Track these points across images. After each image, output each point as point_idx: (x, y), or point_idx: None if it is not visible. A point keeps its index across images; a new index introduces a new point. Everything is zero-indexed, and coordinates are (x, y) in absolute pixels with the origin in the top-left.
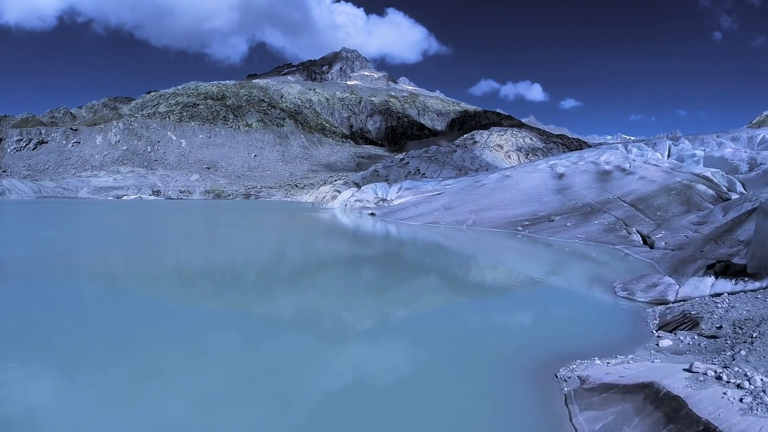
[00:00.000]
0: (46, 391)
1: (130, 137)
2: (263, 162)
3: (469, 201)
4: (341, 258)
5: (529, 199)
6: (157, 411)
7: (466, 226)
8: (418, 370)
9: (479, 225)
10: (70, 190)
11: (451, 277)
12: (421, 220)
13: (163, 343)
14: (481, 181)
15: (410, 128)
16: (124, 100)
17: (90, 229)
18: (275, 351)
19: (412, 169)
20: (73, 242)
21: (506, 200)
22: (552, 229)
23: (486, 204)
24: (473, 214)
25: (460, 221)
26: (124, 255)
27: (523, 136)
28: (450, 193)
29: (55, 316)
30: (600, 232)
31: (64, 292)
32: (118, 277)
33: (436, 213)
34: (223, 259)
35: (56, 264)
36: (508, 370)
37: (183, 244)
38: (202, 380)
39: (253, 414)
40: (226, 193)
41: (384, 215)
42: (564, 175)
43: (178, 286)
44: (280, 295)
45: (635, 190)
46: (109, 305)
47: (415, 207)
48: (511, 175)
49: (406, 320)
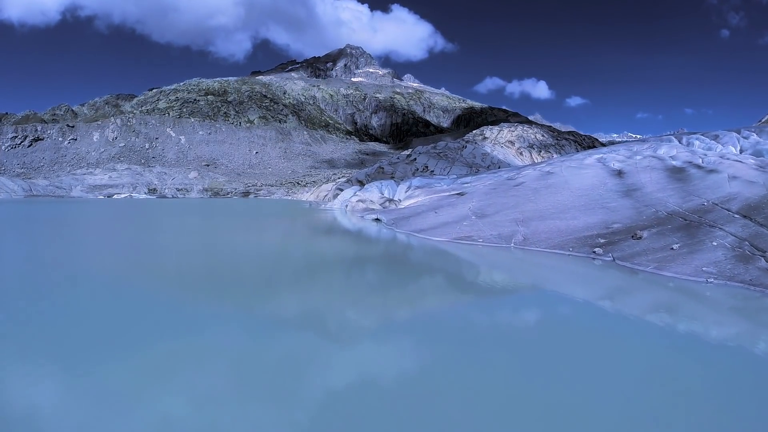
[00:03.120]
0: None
1: (128, 134)
2: (264, 159)
3: (508, 205)
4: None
5: (590, 204)
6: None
7: (514, 244)
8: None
9: (533, 242)
10: (63, 188)
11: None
12: (447, 233)
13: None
14: (515, 179)
15: (415, 125)
16: (126, 97)
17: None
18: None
19: (420, 165)
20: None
21: (559, 205)
22: (651, 255)
23: (534, 210)
24: (521, 225)
25: (503, 236)
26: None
27: (534, 132)
28: (479, 195)
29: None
30: (731, 261)
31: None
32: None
33: (467, 223)
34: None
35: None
36: None
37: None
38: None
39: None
40: (225, 191)
41: (393, 223)
42: (623, 172)
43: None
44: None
45: (736, 195)
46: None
47: (434, 213)
48: (554, 171)
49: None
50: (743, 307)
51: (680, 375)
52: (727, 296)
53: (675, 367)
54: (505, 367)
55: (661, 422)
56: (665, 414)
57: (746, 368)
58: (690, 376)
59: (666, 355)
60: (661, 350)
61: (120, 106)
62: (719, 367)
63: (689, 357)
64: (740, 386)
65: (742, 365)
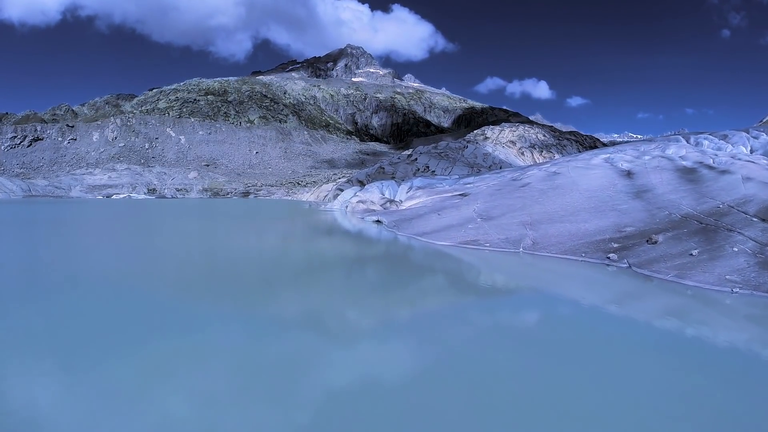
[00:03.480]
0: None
1: (128, 134)
2: (265, 159)
3: (514, 207)
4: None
5: (600, 206)
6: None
7: (523, 249)
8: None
9: (543, 247)
10: (62, 188)
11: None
12: (451, 237)
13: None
14: (521, 180)
15: (416, 125)
16: (127, 97)
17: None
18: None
19: (421, 165)
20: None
21: (569, 207)
22: (669, 261)
23: (542, 212)
24: (529, 228)
25: (511, 240)
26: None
27: (536, 132)
28: (483, 196)
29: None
30: (754, 269)
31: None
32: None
33: (472, 226)
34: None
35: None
36: None
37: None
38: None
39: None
40: (225, 191)
41: (395, 225)
42: (632, 173)
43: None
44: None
45: (752, 197)
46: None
47: (437, 215)
48: (561, 171)
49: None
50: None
51: (716, 398)
52: (757, 308)
53: (711, 389)
54: (518, 381)
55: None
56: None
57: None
58: (728, 401)
59: (704, 376)
60: (699, 370)
61: (120, 106)
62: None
63: (728, 379)
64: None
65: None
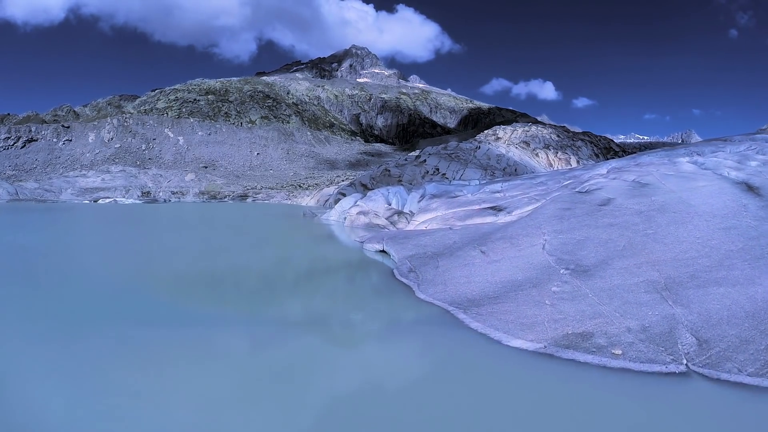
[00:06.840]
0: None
1: (125, 134)
2: (266, 160)
3: (615, 245)
4: None
5: (751, 247)
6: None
7: (688, 363)
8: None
9: (723, 356)
10: (52, 191)
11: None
12: (529, 318)
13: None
14: (593, 193)
15: (422, 126)
16: (129, 98)
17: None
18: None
19: (430, 168)
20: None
21: (704, 248)
22: None
23: (673, 260)
24: (670, 299)
25: (654, 337)
26: None
27: (548, 132)
28: (549, 220)
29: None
30: None
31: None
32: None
33: (558, 289)
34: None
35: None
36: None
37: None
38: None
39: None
40: (222, 194)
41: (410, 269)
42: (753, 186)
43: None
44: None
45: None
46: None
47: (481, 253)
48: (650, 182)
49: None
50: None
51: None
52: None
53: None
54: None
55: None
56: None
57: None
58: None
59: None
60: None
61: (122, 107)
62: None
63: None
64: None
65: None
